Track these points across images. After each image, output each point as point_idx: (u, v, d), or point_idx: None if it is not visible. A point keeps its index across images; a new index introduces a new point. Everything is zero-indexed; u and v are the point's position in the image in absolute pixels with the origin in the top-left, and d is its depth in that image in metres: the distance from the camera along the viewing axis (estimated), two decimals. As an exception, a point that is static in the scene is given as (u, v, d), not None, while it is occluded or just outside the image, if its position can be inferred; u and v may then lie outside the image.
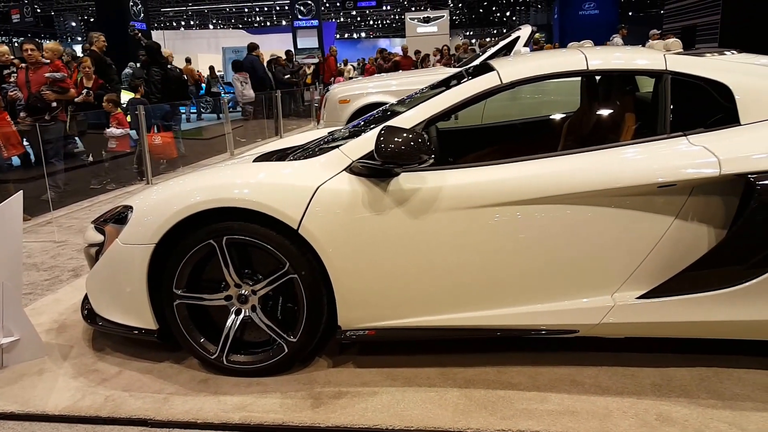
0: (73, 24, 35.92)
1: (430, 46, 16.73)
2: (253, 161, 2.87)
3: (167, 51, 9.82)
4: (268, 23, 40.94)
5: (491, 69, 2.53)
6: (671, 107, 2.34)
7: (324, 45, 22.86)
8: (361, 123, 3.12)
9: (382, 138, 2.18)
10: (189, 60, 15.55)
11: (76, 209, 5.96)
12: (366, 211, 2.27)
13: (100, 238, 2.66)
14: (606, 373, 2.38)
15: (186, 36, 32.91)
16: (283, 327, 2.45)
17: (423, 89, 3.40)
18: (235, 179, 2.44)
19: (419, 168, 2.29)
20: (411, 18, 23.47)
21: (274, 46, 20.20)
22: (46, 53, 6.65)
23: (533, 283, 2.31)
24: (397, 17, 40.71)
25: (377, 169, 2.28)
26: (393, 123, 2.39)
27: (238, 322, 2.47)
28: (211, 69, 17.88)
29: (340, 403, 2.25)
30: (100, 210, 5.44)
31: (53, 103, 6.44)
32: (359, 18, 43.68)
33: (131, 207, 2.54)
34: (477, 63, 4.86)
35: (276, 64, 13.49)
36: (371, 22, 46.15)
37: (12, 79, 7.24)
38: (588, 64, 2.50)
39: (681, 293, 2.19)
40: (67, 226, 5.30)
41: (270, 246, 2.31)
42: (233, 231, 2.33)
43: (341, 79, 12.46)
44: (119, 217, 2.58)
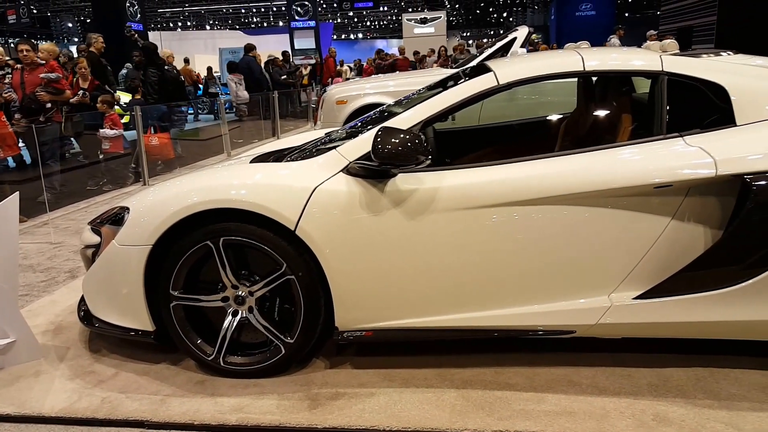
0: (70, 25, 35.87)
1: (427, 47, 16.75)
2: (250, 162, 2.87)
3: (167, 51, 9.78)
4: (265, 24, 40.94)
5: (488, 70, 2.54)
6: (667, 108, 2.34)
7: (321, 46, 22.85)
8: (359, 124, 3.12)
9: (379, 139, 2.18)
10: (187, 60, 15.54)
11: (72, 210, 5.95)
12: (363, 212, 2.27)
13: (96, 239, 2.66)
14: (603, 374, 2.38)
15: (183, 37, 32.88)
16: (280, 328, 2.45)
17: (420, 90, 3.40)
18: (232, 180, 2.44)
19: (416, 169, 2.29)
20: (408, 19, 23.50)
21: (271, 47, 20.18)
22: (41, 54, 6.60)
23: (531, 284, 2.32)
24: (394, 18, 40.74)
25: (374, 170, 2.28)
26: (390, 124, 2.39)
27: (235, 323, 2.47)
28: (209, 70, 17.88)
29: (337, 404, 2.25)
30: (96, 211, 5.43)
31: (48, 104, 6.41)
32: (356, 19, 43.70)
33: (128, 208, 2.54)
34: (474, 64, 4.87)
35: (273, 65, 13.50)
36: (368, 23, 46.18)
37: (7, 80, 7.22)
38: (584, 65, 2.50)
39: (677, 294, 2.20)
40: (64, 227, 5.29)
41: (267, 247, 2.31)
42: (230, 232, 2.33)
43: (339, 80, 12.48)
44: (116, 219, 2.58)
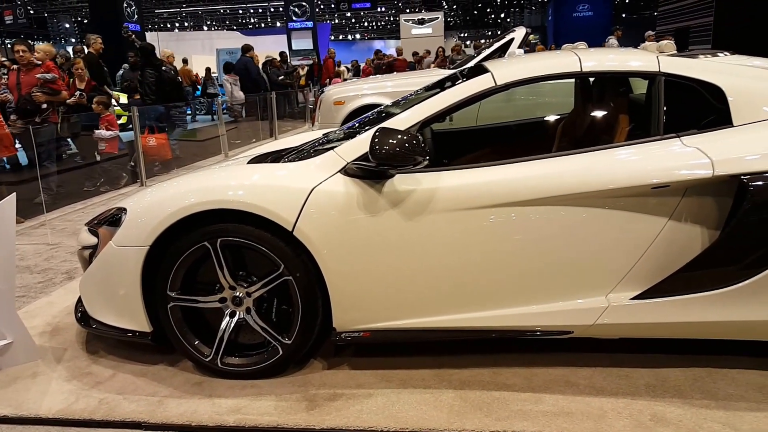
0: (67, 25, 35.81)
1: (425, 48, 16.77)
2: (248, 163, 2.87)
3: (168, 51, 9.76)
4: (262, 25, 40.93)
5: (485, 71, 2.54)
6: (664, 109, 2.35)
7: (319, 46, 22.85)
8: (356, 124, 3.12)
9: (376, 139, 2.18)
10: (186, 61, 15.52)
11: (69, 211, 5.93)
12: (361, 213, 2.27)
13: (93, 240, 2.65)
14: (600, 374, 2.38)
15: (180, 37, 32.81)
16: (278, 329, 2.44)
17: (418, 91, 3.41)
18: (230, 181, 2.44)
19: (414, 169, 2.29)
20: (405, 20, 23.48)
21: (268, 47, 20.19)
22: (37, 54, 6.57)
23: (528, 284, 2.32)
24: (392, 19, 40.77)
25: (372, 171, 2.28)
26: (388, 125, 2.39)
27: (232, 324, 2.46)
28: (207, 70, 17.87)
29: (335, 405, 2.25)
30: (93, 212, 5.42)
31: (43, 105, 6.38)
32: (354, 20, 43.73)
33: (125, 209, 2.53)
34: (471, 64, 4.87)
35: (271, 65, 13.50)
36: (366, 23, 46.21)
37: (3, 81, 7.19)
38: (582, 65, 2.50)
39: (675, 294, 2.20)
40: (61, 228, 5.28)
41: (264, 248, 2.31)
42: (228, 233, 2.33)
43: (338, 80, 12.48)
44: (113, 220, 2.57)
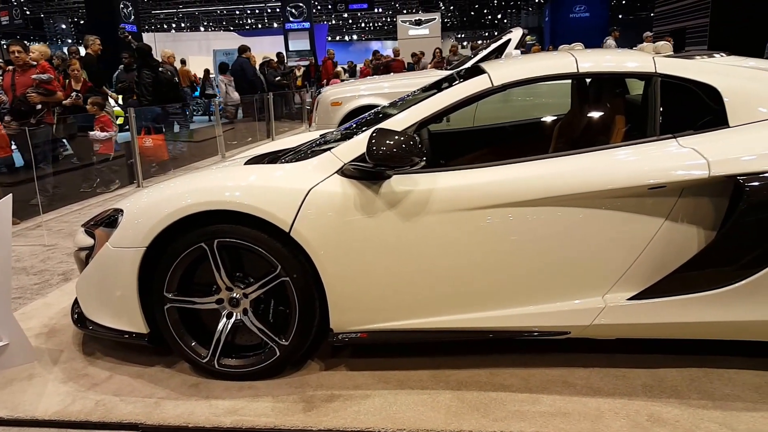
0: (63, 26, 35.71)
1: (422, 48, 16.79)
2: (245, 164, 2.87)
3: (168, 52, 9.72)
4: (259, 25, 40.91)
5: (482, 72, 2.54)
6: (661, 109, 2.35)
7: (316, 47, 22.83)
8: (353, 125, 3.12)
9: (373, 140, 2.18)
10: (184, 62, 15.50)
11: (65, 212, 5.92)
12: (358, 214, 2.27)
13: (90, 241, 2.64)
14: (597, 375, 2.39)
15: (177, 38, 32.77)
16: (275, 330, 2.44)
17: (415, 92, 3.41)
18: (227, 182, 2.43)
19: (411, 170, 2.30)
20: (402, 20, 23.47)
21: (265, 48, 20.21)
22: (32, 54, 6.54)
23: (525, 285, 2.32)
24: (389, 20, 40.80)
25: (369, 172, 2.28)
26: (385, 125, 2.39)
27: (229, 325, 2.46)
28: (206, 72, 17.85)
29: (332, 406, 2.25)
30: (89, 213, 5.41)
31: (38, 106, 6.36)
32: (351, 20, 43.73)
33: (122, 210, 2.53)
34: (468, 65, 4.87)
35: (268, 66, 13.50)
36: (363, 24, 46.22)
37: None
38: (578, 66, 2.51)
39: (671, 294, 2.20)
40: (57, 229, 5.27)
41: (261, 249, 2.31)
42: (224, 234, 2.32)
43: (337, 81, 12.48)
44: (109, 221, 2.57)
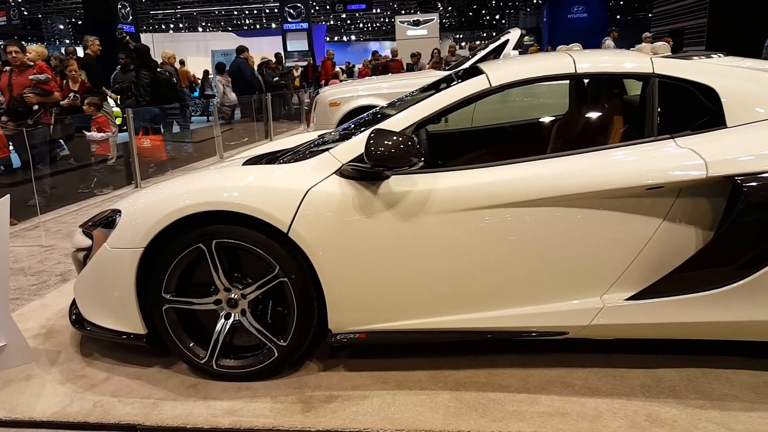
0: (61, 27, 35.67)
1: (420, 49, 16.81)
2: (243, 164, 2.86)
3: (169, 52, 9.71)
4: (257, 26, 40.89)
5: (480, 72, 2.54)
6: (659, 110, 2.36)
7: (314, 48, 22.82)
8: (352, 126, 3.12)
9: (372, 141, 2.18)
10: (183, 62, 15.48)
11: (63, 213, 5.91)
12: (356, 214, 2.27)
13: (88, 242, 2.64)
14: (596, 375, 2.39)
15: (175, 39, 32.75)
16: (273, 331, 2.44)
17: (413, 92, 3.41)
18: (225, 182, 2.43)
19: (409, 171, 2.30)
20: (401, 21, 23.48)
21: (263, 49, 20.20)
22: (30, 55, 6.51)
23: (523, 285, 2.32)
24: (387, 20, 40.80)
25: (367, 172, 2.28)
26: (383, 126, 2.39)
27: (227, 326, 2.46)
28: (205, 73, 17.85)
29: (330, 407, 2.25)
30: (87, 214, 5.40)
31: (35, 107, 6.34)
32: (349, 21, 43.72)
33: (119, 211, 2.52)
34: (467, 66, 4.87)
35: (266, 67, 13.50)
36: (361, 25, 46.22)
37: None
38: (576, 67, 2.51)
39: (669, 295, 2.21)
40: (55, 230, 5.26)
41: (260, 249, 2.30)
42: (223, 234, 2.32)
43: (336, 82, 12.48)
44: (107, 221, 2.56)
